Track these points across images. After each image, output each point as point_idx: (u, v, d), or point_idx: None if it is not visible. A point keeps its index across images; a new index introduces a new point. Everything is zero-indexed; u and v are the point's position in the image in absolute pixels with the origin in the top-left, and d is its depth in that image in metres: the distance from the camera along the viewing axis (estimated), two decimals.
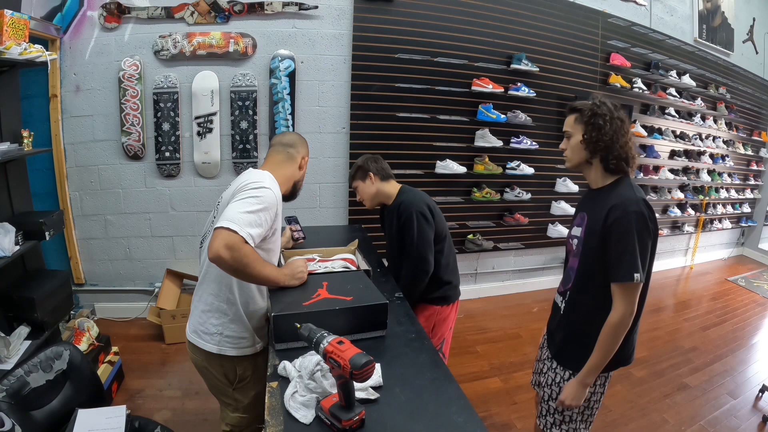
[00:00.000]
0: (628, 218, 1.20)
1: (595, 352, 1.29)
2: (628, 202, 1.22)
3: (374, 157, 1.99)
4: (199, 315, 1.42)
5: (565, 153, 1.40)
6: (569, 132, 1.37)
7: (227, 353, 1.42)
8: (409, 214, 1.81)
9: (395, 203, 1.92)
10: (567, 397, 1.36)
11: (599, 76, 3.76)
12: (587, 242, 1.32)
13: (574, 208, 4.17)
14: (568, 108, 1.39)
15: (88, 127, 2.86)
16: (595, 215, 1.30)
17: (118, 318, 3.11)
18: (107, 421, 1.43)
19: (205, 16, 2.83)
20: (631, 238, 1.20)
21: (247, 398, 1.50)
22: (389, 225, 1.96)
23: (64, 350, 1.53)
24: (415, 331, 1.46)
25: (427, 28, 3.11)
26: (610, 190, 1.32)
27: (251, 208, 1.23)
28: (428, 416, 1.06)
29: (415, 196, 1.90)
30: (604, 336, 1.27)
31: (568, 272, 1.43)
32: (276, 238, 1.42)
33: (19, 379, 1.37)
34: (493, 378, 2.69)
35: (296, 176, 1.54)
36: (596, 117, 1.28)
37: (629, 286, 1.22)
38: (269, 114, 3.03)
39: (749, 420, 2.42)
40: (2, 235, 1.92)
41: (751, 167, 5.37)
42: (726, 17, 4.56)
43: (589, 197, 1.42)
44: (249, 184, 1.29)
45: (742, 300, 4.21)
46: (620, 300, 1.24)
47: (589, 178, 1.40)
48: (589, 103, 1.32)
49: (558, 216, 3.84)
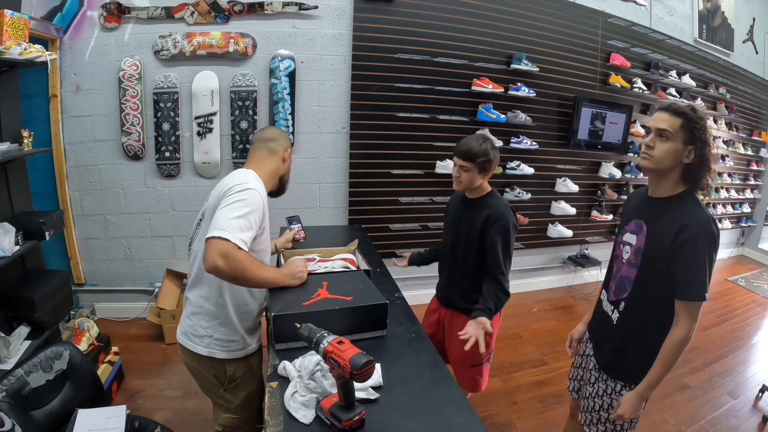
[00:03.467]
0: (701, 239, 1.19)
1: (656, 367, 1.29)
2: (702, 222, 1.20)
3: (497, 150, 1.77)
4: (189, 317, 1.42)
5: (653, 152, 1.27)
6: (670, 134, 1.24)
7: (217, 356, 1.41)
8: (506, 223, 1.67)
9: (488, 202, 1.76)
10: (626, 410, 1.35)
11: (599, 76, 3.76)
12: (649, 256, 1.30)
13: (574, 209, 4.18)
14: (673, 108, 1.27)
15: (88, 127, 2.86)
16: (661, 228, 1.27)
17: (118, 318, 3.11)
18: (107, 421, 1.43)
19: (205, 16, 2.83)
20: (703, 258, 1.20)
21: (238, 399, 1.49)
22: (468, 217, 1.77)
23: (64, 350, 1.53)
24: (415, 331, 1.46)
25: (427, 28, 3.11)
26: (677, 203, 1.28)
27: (239, 212, 1.23)
28: (428, 416, 1.06)
29: (507, 206, 1.75)
30: (668, 353, 1.26)
31: (623, 282, 1.40)
32: (265, 237, 1.42)
33: (19, 379, 1.37)
34: (493, 378, 2.67)
35: (281, 170, 1.53)
36: (706, 134, 1.24)
37: (697, 304, 1.22)
38: (269, 114, 3.03)
39: (749, 420, 2.42)
40: (2, 235, 1.92)
41: (751, 167, 5.37)
42: (726, 17, 4.56)
43: (648, 205, 1.36)
44: (234, 187, 1.28)
45: (742, 300, 4.21)
46: (686, 317, 1.23)
47: (658, 186, 1.33)
48: (696, 114, 1.25)
49: (558, 216, 3.84)
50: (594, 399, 1.50)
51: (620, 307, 1.41)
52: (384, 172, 3.27)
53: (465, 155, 1.69)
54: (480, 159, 1.68)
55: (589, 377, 1.55)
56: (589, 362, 1.57)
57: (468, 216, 1.77)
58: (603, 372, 1.47)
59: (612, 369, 1.45)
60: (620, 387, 1.42)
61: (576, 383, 1.67)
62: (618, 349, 1.42)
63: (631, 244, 1.38)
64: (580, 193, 3.86)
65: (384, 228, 3.33)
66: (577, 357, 1.68)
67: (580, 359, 1.65)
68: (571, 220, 3.90)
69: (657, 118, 1.28)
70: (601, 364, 1.48)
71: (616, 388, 1.43)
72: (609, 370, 1.46)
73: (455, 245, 1.82)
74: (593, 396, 1.51)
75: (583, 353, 1.63)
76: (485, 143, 1.71)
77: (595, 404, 1.50)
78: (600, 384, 1.48)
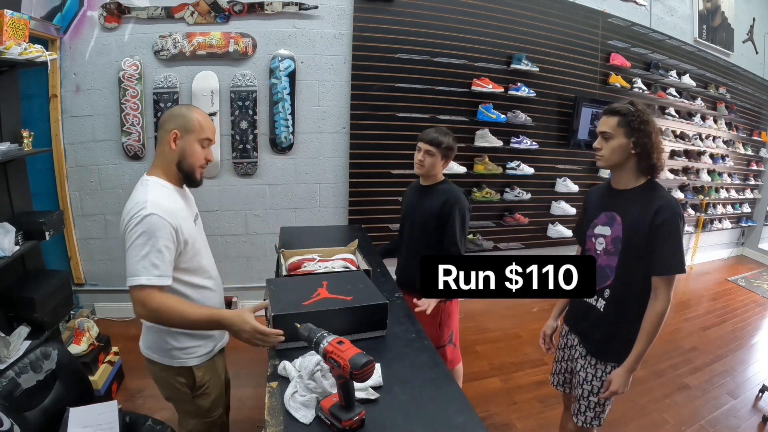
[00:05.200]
0: (675, 218, 1.33)
1: (640, 341, 1.39)
2: (674, 205, 1.34)
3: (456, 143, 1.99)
4: (152, 334, 1.37)
5: (602, 152, 1.44)
6: (610, 134, 1.41)
7: (187, 364, 1.38)
8: (461, 207, 1.88)
9: (443, 187, 1.96)
10: (618, 385, 1.42)
11: (599, 76, 3.76)
12: (629, 241, 1.40)
13: (574, 209, 4.18)
14: (608, 109, 1.43)
15: (88, 127, 2.86)
16: (635, 215, 1.38)
17: (118, 318, 3.10)
18: (100, 417, 1.43)
19: (205, 16, 2.83)
20: (679, 235, 1.35)
21: (208, 402, 1.47)
22: (424, 202, 1.96)
23: (52, 350, 1.53)
24: (415, 331, 1.46)
25: (427, 28, 3.11)
26: (644, 191, 1.40)
27: (143, 250, 1.16)
28: (428, 416, 1.06)
29: (461, 191, 1.95)
30: (650, 325, 1.37)
31: (603, 271, 1.47)
32: (192, 248, 1.31)
33: (10, 380, 1.37)
34: (493, 378, 2.68)
35: (173, 157, 1.30)
36: (645, 124, 1.36)
37: (673, 278, 1.36)
38: (269, 114, 3.03)
39: (749, 420, 2.42)
40: (2, 235, 1.92)
41: (751, 167, 5.36)
42: (726, 17, 4.56)
43: (616, 197, 1.47)
44: (130, 221, 1.19)
45: (742, 300, 4.21)
46: (664, 291, 1.36)
47: (620, 179, 1.46)
48: (632, 108, 1.38)
49: (558, 216, 3.84)
50: (583, 386, 1.55)
51: (605, 295, 1.48)
52: (384, 172, 3.26)
53: (432, 141, 1.89)
54: (444, 145, 1.89)
55: (575, 366, 1.60)
56: (574, 352, 1.62)
57: (425, 201, 1.95)
58: (592, 358, 1.53)
59: (604, 354, 1.51)
60: (610, 368, 1.48)
61: (560, 377, 1.72)
62: (609, 333, 1.48)
63: (604, 235, 1.47)
64: (580, 193, 3.85)
65: (384, 228, 3.33)
66: (558, 351, 1.72)
67: (562, 353, 1.70)
68: (571, 220, 3.89)
69: (600, 123, 1.45)
70: (592, 352, 1.53)
71: (607, 370, 1.49)
72: (601, 355, 1.51)
73: (412, 227, 2.00)
74: (581, 383, 1.56)
75: (566, 346, 1.68)
76: (449, 134, 1.93)
77: (584, 391, 1.55)
78: (588, 370, 1.53)
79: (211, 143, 1.37)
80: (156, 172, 1.32)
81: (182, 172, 1.33)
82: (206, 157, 1.36)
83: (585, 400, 1.55)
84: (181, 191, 1.37)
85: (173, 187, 1.34)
